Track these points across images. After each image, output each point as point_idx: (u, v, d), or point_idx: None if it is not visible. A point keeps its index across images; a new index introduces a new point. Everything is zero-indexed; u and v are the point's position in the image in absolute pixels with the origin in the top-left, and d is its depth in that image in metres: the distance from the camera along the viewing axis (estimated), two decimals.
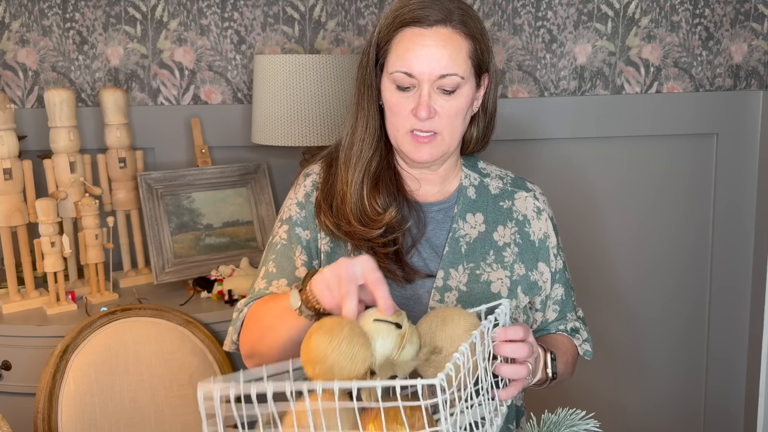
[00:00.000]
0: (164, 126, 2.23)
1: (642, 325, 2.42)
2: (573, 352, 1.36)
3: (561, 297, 1.36)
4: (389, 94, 1.23)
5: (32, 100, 2.22)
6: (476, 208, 1.32)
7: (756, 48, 2.31)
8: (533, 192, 1.37)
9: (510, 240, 1.31)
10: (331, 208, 1.27)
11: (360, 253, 1.24)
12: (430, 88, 1.19)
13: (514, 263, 1.30)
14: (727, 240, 2.39)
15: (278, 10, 2.22)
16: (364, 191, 1.26)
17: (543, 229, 1.34)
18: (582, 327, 1.40)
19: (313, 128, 1.92)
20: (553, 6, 2.25)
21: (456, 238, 1.29)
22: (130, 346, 1.70)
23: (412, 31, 1.19)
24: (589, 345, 1.39)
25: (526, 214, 1.34)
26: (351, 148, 1.28)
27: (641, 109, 2.30)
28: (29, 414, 1.71)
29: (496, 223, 1.32)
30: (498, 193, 1.35)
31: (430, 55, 1.18)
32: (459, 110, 1.22)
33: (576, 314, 1.40)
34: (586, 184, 2.33)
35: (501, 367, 1.03)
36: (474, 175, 1.35)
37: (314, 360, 0.91)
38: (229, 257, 2.07)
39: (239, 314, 1.27)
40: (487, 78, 1.27)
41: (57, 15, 2.19)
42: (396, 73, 1.20)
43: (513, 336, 1.04)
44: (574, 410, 1.06)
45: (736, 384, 2.47)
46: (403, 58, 1.19)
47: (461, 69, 1.20)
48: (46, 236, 1.82)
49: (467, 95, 1.22)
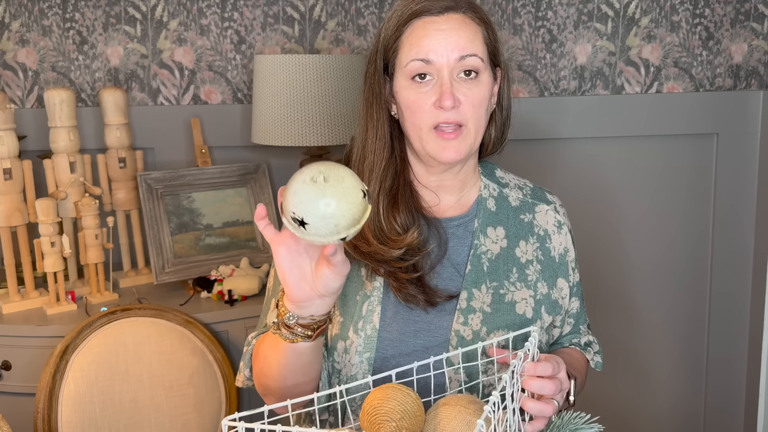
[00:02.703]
0: (164, 126, 2.23)
1: (642, 326, 2.42)
2: (585, 368, 1.33)
3: (576, 310, 1.33)
4: (406, 93, 1.17)
5: (32, 100, 2.22)
6: (497, 222, 1.26)
7: (756, 48, 2.31)
8: (554, 204, 1.33)
9: (532, 257, 1.27)
10: None
11: (375, 278, 1.19)
12: (450, 76, 1.14)
13: (537, 281, 1.26)
14: (727, 240, 2.39)
15: (278, 10, 2.22)
16: (381, 208, 1.19)
17: (563, 244, 1.30)
18: (594, 340, 1.37)
19: (313, 128, 1.92)
20: (553, 6, 2.25)
21: (478, 255, 1.23)
22: (130, 346, 1.70)
23: (422, 20, 1.16)
24: (600, 357, 1.36)
25: (547, 228, 1.29)
26: (363, 161, 1.21)
27: (641, 109, 2.30)
28: (29, 414, 1.71)
29: (517, 238, 1.27)
30: (518, 205, 1.30)
31: (446, 39, 1.14)
32: (482, 99, 1.17)
33: (586, 323, 1.38)
34: (586, 184, 2.33)
35: (527, 403, 1.01)
36: (493, 185, 1.30)
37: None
38: (229, 257, 2.07)
39: (248, 348, 1.22)
40: (500, 72, 1.24)
41: (57, 15, 2.18)
42: (412, 62, 1.15)
43: (542, 372, 1.02)
44: (578, 413, 1.06)
45: (736, 385, 2.47)
46: (419, 46, 1.14)
47: (480, 51, 1.16)
48: (46, 236, 1.82)
49: (487, 83, 1.18)
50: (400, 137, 1.24)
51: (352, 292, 1.20)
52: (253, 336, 1.23)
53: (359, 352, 1.17)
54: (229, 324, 1.86)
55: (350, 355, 1.17)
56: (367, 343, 1.17)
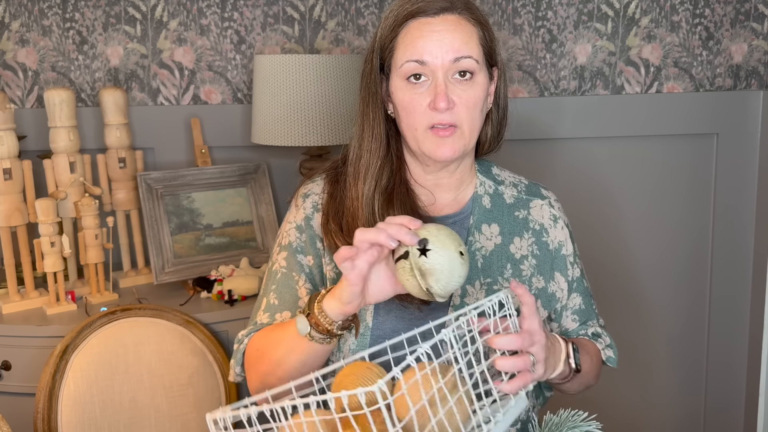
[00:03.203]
0: (164, 126, 2.23)
1: (642, 326, 2.42)
2: (596, 355, 1.30)
3: (580, 306, 1.32)
4: (401, 94, 1.17)
5: (32, 100, 2.22)
6: (492, 219, 1.27)
7: (756, 48, 2.31)
8: (548, 199, 1.33)
9: (527, 252, 1.27)
10: (341, 229, 1.21)
11: None
12: (445, 77, 1.14)
13: (532, 276, 1.26)
14: (727, 240, 2.39)
15: (278, 10, 2.22)
16: (376, 205, 1.20)
17: (559, 238, 1.30)
18: (603, 333, 1.35)
19: (313, 128, 1.92)
20: (553, 6, 2.25)
21: (472, 251, 1.24)
22: (130, 346, 1.70)
23: (418, 21, 1.16)
24: (612, 351, 1.33)
25: (542, 223, 1.30)
26: (359, 160, 1.22)
27: (641, 109, 2.30)
28: (29, 414, 1.70)
29: (512, 234, 1.27)
30: (513, 202, 1.30)
31: (441, 40, 1.14)
32: (477, 100, 1.17)
33: (598, 322, 1.36)
34: (586, 184, 2.33)
35: (498, 361, 0.99)
36: (489, 182, 1.30)
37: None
38: (229, 257, 2.07)
39: (240, 345, 1.23)
40: (497, 71, 1.24)
41: (57, 15, 2.18)
42: (406, 63, 1.15)
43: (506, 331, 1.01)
44: (576, 411, 1.06)
45: (736, 385, 2.47)
46: (413, 47, 1.15)
47: (475, 52, 1.16)
48: (45, 236, 1.82)
49: (482, 84, 1.18)
50: (396, 136, 1.25)
51: None
52: (244, 334, 1.24)
53: (352, 350, 1.19)
54: (229, 324, 1.86)
55: (344, 352, 1.20)
56: (360, 340, 1.19)
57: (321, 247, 1.23)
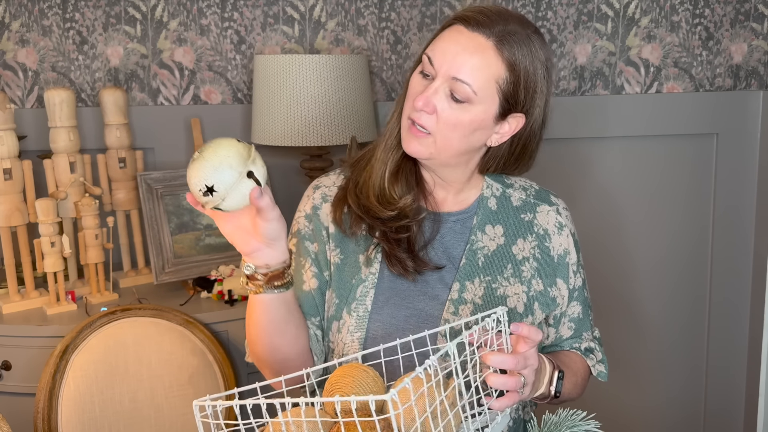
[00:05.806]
0: (164, 126, 2.23)
1: (642, 327, 2.42)
2: (584, 373, 1.33)
3: (578, 315, 1.33)
4: (412, 80, 1.22)
5: (32, 100, 2.22)
6: (496, 220, 1.29)
7: (756, 48, 2.31)
8: (556, 206, 1.34)
9: (529, 254, 1.28)
10: (357, 186, 1.28)
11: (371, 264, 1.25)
12: (440, 85, 1.16)
13: (532, 278, 1.27)
14: (727, 240, 2.39)
15: (278, 10, 2.22)
16: (386, 172, 1.25)
17: (563, 245, 1.31)
18: (597, 348, 1.36)
19: (313, 128, 1.92)
20: (553, 6, 2.25)
21: (474, 250, 1.27)
22: (130, 346, 1.70)
23: (456, 27, 1.17)
24: (603, 366, 1.35)
25: (547, 228, 1.31)
26: (386, 133, 1.28)
27: (641, 109, 2.30)
28: (29, 414, 1.71)
29: (515, 236, 1.29)
30: (520, 205, 1.31)
31: (455, 54, 1.15)
32: (459, 124, 1.16)
33: (592, 334, 1.37)
34: (586, 184, 2.33)
35: (490, 377, 1.01)
36: (497, 185, 1.32)
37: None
38: (229, 257, 2.07)
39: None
40: (521, 120, 1.21)
41: (57, 15, 2.19)
42: (424, 56, 1.19)
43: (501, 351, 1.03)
44: (575, 411, 1.06)
45: (736, 386, 2.47)
46: (435, 45, 1.18)
47: (477, 84, 1.15)
48: (46, 236, 1.82)
49: (475, 116, 1.17)
50: None
51: (348, 276, 1.26)
52: None
53: (351, 332, 1.23)
54: (229, 324, 1.86)
55: (342, 334, 1.24)
56: (359, 323, 1.23)
57: (325, 236, 1.29)
